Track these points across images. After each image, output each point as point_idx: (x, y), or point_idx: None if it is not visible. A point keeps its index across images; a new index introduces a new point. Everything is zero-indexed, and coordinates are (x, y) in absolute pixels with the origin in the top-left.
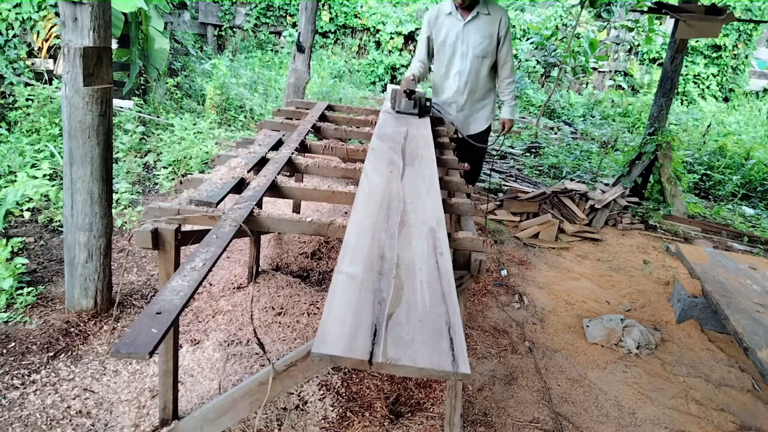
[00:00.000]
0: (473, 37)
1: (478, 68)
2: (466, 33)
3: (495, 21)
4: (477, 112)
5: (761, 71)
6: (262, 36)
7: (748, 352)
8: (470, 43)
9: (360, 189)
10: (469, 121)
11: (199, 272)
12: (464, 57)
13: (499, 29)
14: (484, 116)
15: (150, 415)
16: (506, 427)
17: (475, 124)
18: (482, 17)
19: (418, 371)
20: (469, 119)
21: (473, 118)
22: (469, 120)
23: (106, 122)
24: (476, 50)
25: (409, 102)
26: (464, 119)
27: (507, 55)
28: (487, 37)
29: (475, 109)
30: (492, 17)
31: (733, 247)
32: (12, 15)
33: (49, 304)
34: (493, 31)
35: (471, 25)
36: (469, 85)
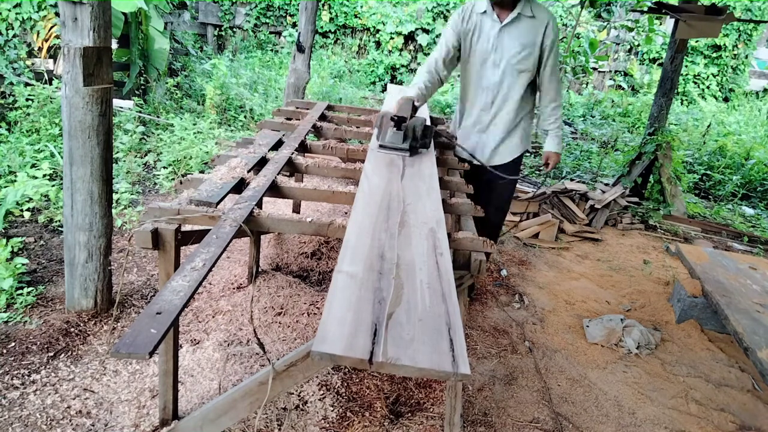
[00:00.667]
0: (510, 45)
1: (511, 84)
2: (502, 38)
3: (540, 26)
4: (504, 140)
5: (761, 71)
6: (262, 36)
7: (748, 352)
8: (506, 52)
9: (360, 189)
10: (492, 148)
11: (199, 272)
12: (496, 68)
13: (543, 37)
14: (513, 145)
15: (150, 415)
16: (506, 427)
17: (500, 154)
18: (524, 20)
19: (418, 371)
20: (492, 146)
21: (498, 145)
22: (493, 147)
23: (106, 122)
24: (512, 61)
25: (397, 134)
26: (485, 145)
27: (552, 73)
28: (528, 45)
29: (504, 136)
30: (537, 21)
31: (733, 247)
32: (12, 15)
33: (49, 304)
34: (536, 39)
35: (509, 29)
36: (497, 104)
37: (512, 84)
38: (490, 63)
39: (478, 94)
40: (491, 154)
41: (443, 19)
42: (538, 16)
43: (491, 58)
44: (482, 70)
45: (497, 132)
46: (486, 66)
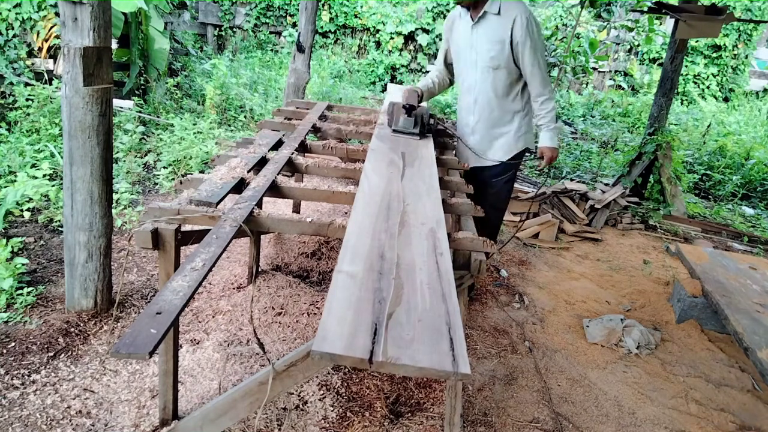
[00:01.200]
0: (481, 42)
1: (489, 82)
2: (475, 37)
3: (506, 22)
4: (494, 139)
5: (761, 71)
6: (262, 36)
7: (748, 352)
8: (478, 50)
9: (360, 189)
10: (484, 148)
11: (199, 272)
12: (474, 67)
13: (512, 34)
14: (504, 144)
15: (150, 415)
16: (506, 427)
17: (493, 152)
18: (491, 18)
19: (418, 371)
20: (484, 146)
21: (489, 145)
22: (486, 147)
23: (106, 122)
24: (485, 59)
25: (408, 119)
26: (476, 145)
27: (532, 66)
28: (497, 42)
29: (492, 135)
30: (502, 18)
31: (733, 247)
32: (12, 15)
33: (49, 304)
34: (504, 36)
35: (479, 27)
36: (480, 104)
37: (490, 81)
38: (469, 63)
39: (463, 96)
40: (483, 154)
41: (443, 19)
42: (504, 13)
43: (469, 58)
44: (464, 72)
45: (485, 131)
46: (466, 66)
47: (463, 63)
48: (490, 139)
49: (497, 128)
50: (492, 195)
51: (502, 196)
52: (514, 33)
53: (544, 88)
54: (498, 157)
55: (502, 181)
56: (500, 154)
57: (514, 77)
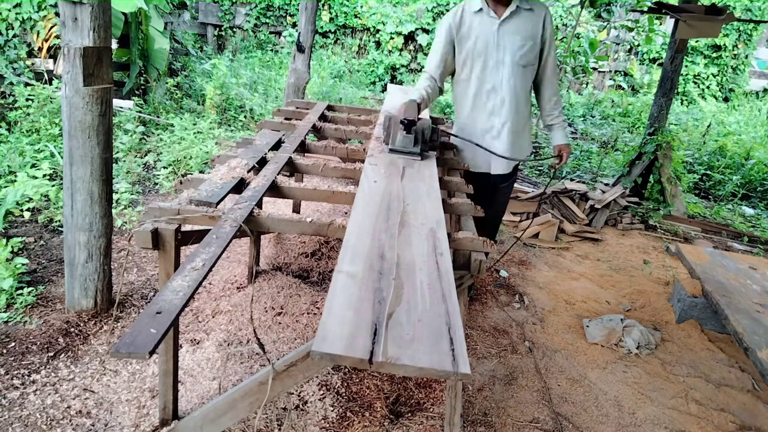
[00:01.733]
0: (512, 40)
1: (518, 81)
2: (503, 34)
3: (538, 19)
4: (517, 141)
5: (761, 71)
6: (262, 36)
7: (748, 352)
8: (508, 48)
9: (360, 189)
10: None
11: (199, 272)
12: (500, 66)
13: (543, 30)
14: (525, 145)
15: (150, 415)
16: (506, 427)
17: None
18: (523, 13)
19: (418, 371)
20: (511, 151)
21: (514, 148)
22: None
23: (106, 122)
24: (515, 56)
25: (407, 137)
26: (505, 151)
27: (553, 66)
28: (529, 39)
29: (517, 137)
30: (534, 13)
31: (733, 247)
32: (12, 15)
33: (49, 304)
34: (536, 32)
35: (509, 24)
36: (507, 104)
37: (520, 81)
38: (492, 63)
39: (483, 100)
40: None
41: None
42: (535, 8)
43: (494, 57)
44: (484, 73)
45: (512, 134)
46: (488, 67)
47: (484, 63)
48: (515, 142)
49: (521, 130)
50: (499, 198)
51: (505, 200)
52: (545, 29)
53: (557, 89)
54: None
55: (509, 186)
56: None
57: (533, 76)
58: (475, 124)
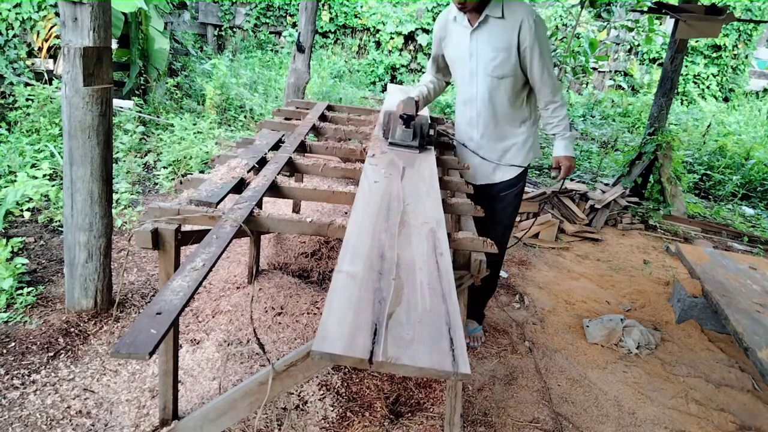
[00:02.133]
0: (483, 50)
1: (493, 93)
2: (475, 44)
3: (512, 27)
4: (504, 153)
5: (761, 71)
6: (262, 36)
7: (748, 352)
8: (480, 58)
9: (360, 189)
10: (492, 165)
11: (199, 272)
12: (473, 77)
13: (519, 38)
14: (514, 156)
15: (150, 415)
16: (506, 427)
17: (502, 169)
18: (493, 22)
19: (418, 371)
20: (491, 163)
21: (500, 159)
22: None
23: (106, 122)
24: (488, 68)
25: (406, 131)
26: (483, 162)
27: (541, 73)
28: (501, 50)
29: (501, 149)
30: (507, 22)
31: (733, 247)
32: (12, 15)
33: (49, 304)
34: (510, 41)
35: (480, 33)
36: (483, 117)
37: (494, 93)
38: (467, 73)
39: (463, 109)
40: (493, 171)
41: None
42: (509, 16)
43: (467, 68)
44: (462, 83)
45: (491, 146)
46: (464, 77)
47: (461, 73)
48: (498, 153)
49: (505, 141)
50: (500, 210)
51: (509, 211)
52: (522, 37)
53: (554, 95)
54: (506, 175)
55: (511, 194)
56: (509, 172)
57: (520, 84)
58: (460, 131)
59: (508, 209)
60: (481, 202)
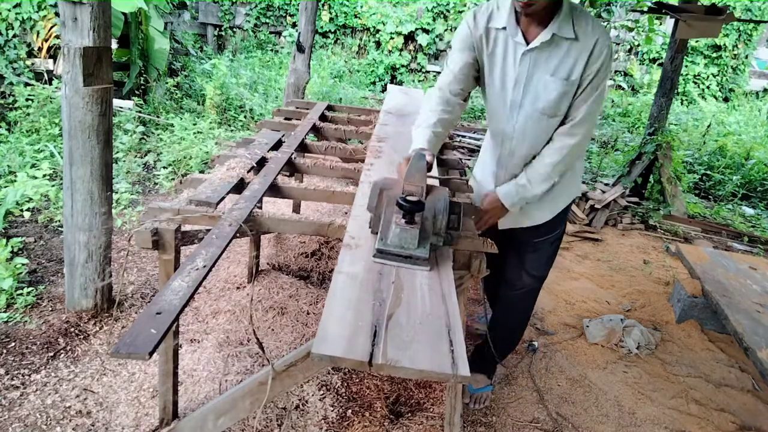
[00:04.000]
0: (539, 80)
1: (537, 131)
2: (526, 69)
3: (583, 51)
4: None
5: (761, 71)
6: (262, 36)
7: (748, 352)
8: (531, 88)
9: (360, 189)
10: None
11: (199, 272)
12: (515, 109)
13: (587, 65)
14: (556, 198)
15: (150, 415)
16: (506, 427)
17: (541, 210)
18: (562, 44)
19: (417, 373)
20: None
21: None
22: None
23: (106, 122)
24: (538, 103)
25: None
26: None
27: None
28: (563, 81)
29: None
30: (580, 44)
31: (733, 247)
32: (12, 15)
33: (49, 304)
34: (575, 70)
35: (539, 55)
36: (516, 158)
37: (538, 132)
38: (506, 103)
39: (491, 143)
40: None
41: (443, 19)
42: (582, 37)
43: (508, 97)
44: (495, 111)
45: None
46: (500, 106)
47: (496, 101)
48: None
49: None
50: (533, 259)
51: (543, 261)
52: (591, 64)
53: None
54: (546, 216)
55: (548, 242)
56: (548, 213)
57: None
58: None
59: (542, 258)
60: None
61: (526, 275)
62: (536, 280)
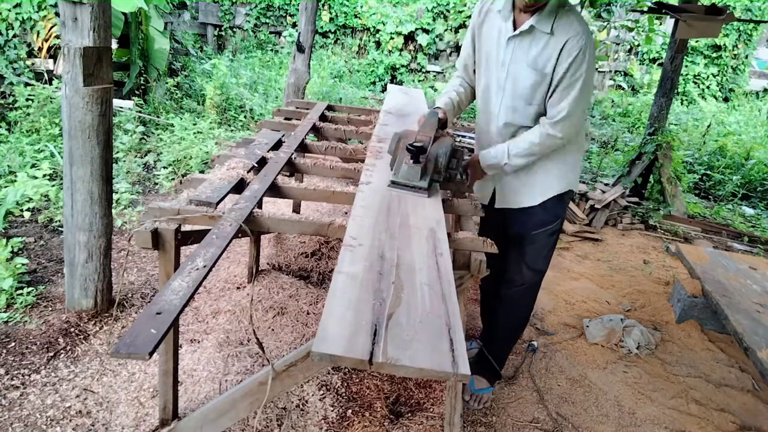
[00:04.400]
0: (518, 66)
1: (523, 115)
2: (509, 53)
3: (555, 46)
4: (526, 177)
5: (761, 71)
6: (262, 36)
7: (748, 352)
8: (512, 74)
9: (360, 189)
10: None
11: (199, 272)
12: (500, 91)
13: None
14: (545, 183)
15: (150, 415)
16: (506, 427)
17: (527, 195)
18: (538, 36)
19: (418, 371)
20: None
21: (517, 183)
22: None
23: (106, 122)
24: (518, 87)
25: (413, 168)
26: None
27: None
28: (537, 71)
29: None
30: (554, 39)
31: (733, 247)
32: (12, 15)
33: (49, 304)
34: (547, 65)
35: (519, 43)
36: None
37: (523, 115)
38: (494, 82)
39: (483, 119)
40: (514, 196)
41: (443, 19)
42: (558, 33)
43: (495, 76)
44: (486, 89)
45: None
46: (490, 84)
47: (486, 79)
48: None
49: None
50: (532, 252)
51: (544, 253)
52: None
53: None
54: (535, 199)
55: (546, 233)
56: (538, 196)
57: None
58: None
59: (541, 251)
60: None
61: (526, 268)
62: (536, 274)
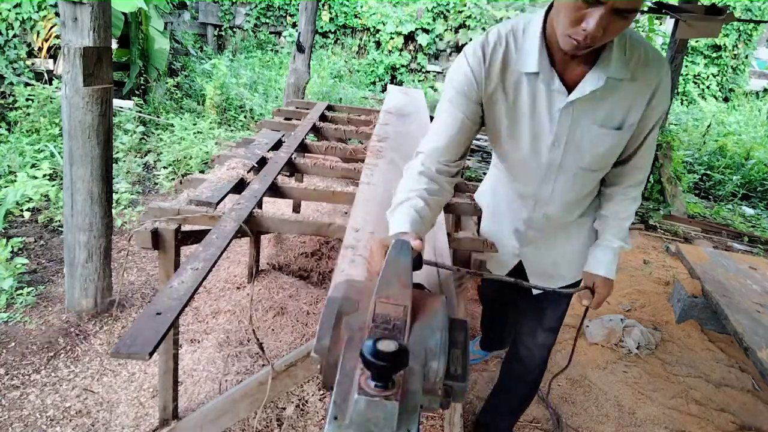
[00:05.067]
0: (586, 133)
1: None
2: (568, 123)
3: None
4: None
5: (761, 71)
6: (262, 36)
7: (748, 352)
8: (574, 144)
9: (360, 189)
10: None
11: (199, 272)
12: (551, 172)
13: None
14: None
15: (150, 415)
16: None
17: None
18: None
19: None
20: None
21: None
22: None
23: (106, 122)
24: (584, 159)
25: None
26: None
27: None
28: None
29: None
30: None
31: (733, 247)
32: (12, 15)
33: (49, 304)
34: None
35: (586, 104)
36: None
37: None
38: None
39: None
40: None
41: (443, 19)
42: (641, 75)
43: (545, 156)
44: (526, 170)
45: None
46: (533, 166)
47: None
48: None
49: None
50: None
51: (559, 314)
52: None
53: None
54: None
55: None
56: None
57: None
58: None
59: (558, 311)
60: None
61: (540, 330)
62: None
